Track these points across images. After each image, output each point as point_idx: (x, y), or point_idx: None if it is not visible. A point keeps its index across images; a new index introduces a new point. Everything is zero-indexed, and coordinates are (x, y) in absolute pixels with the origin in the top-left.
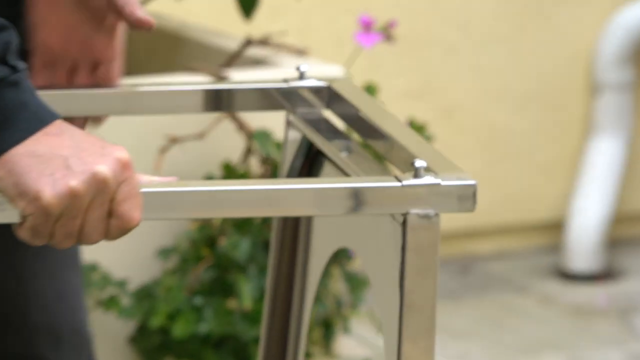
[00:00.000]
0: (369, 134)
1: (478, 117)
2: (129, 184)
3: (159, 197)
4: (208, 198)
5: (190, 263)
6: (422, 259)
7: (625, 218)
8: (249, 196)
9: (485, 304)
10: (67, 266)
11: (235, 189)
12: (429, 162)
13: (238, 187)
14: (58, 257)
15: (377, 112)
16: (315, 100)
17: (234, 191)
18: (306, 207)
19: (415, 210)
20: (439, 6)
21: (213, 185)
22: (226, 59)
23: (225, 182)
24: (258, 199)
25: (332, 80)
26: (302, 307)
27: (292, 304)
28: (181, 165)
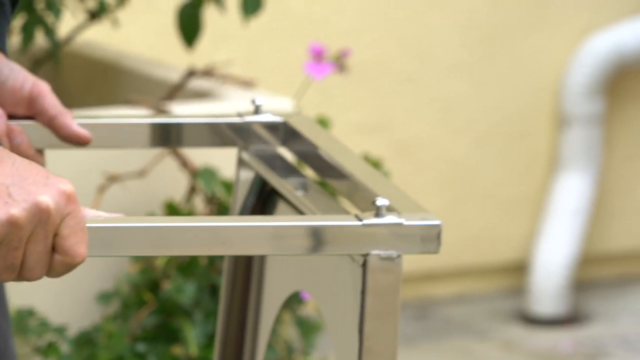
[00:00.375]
0: (328, 171)
1: (437, 152)
2: (73, 217)
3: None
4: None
5: (132, 308)
6: (382, 302)
7: (593, 259)
8: (200, 233)
9: (444, 350)
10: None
11: (186, 225)
12: (392, 200)
13: (189, 224)
14: None
15: (335, 149)
16: (270, 137)
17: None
18: (260, 246)
19: (376, 252)
20: (395, 34)
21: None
22: (167, 91)
23: (177, 219)
24: (210, 236)
25: (287, 116)
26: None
27: (244, 350)
28: (122, 204)
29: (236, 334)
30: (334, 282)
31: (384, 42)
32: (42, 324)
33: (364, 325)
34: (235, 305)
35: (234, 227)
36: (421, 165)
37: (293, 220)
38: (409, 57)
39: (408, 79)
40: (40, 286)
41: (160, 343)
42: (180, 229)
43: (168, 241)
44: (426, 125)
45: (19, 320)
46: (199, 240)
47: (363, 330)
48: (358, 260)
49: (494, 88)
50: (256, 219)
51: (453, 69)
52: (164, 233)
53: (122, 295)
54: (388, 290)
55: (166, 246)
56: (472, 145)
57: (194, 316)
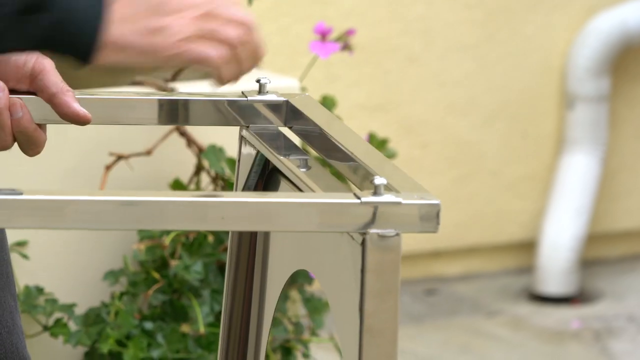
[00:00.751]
0: (329, 151)
1: (443, 131)
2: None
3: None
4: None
5: (139, 286)
6: (382, 280)
7: (600, 237)
8: (199, 208)
9: (452, 328)
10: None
11: (185, 200)
12: (390, 179)
13: (188, 199)
14: None
15: (337, 128)
16: (273, 116)
17: (185, 202)
18: (259, 222)
19: (374, 230)
20: (399, 13)
21: (163, 196)
22: (172, 71)
23: (176, 194)
24: (210, 211)
25: (290, 96)
26: (260, 331)
27: (249, 327)
28: (128, 183)
29: (242, 311)
30: (335, 261)
31: (389, 22)
32: (51, 302)
33: (364, 303)
34: (240, 283)
35: (233, 202)
36: (427, 145)
37: (292, 197)
38: (414, 36)
39: (413, 58)
40: (48, 265)
41: (167, 321)
42: (178, 203)
43: (167, 216)
44: (431, 104)
45: (27, 298)
46: (198, 215)
47: (363, 308)
48: (357, 239)
49: (499, 67)
50: (255, 194)
51: (458, 49)
52: (164, 207)
53: (129, 274)
54: (388, 269)
55: (165, 221)
56: (478, 124)
57: (201, 294)
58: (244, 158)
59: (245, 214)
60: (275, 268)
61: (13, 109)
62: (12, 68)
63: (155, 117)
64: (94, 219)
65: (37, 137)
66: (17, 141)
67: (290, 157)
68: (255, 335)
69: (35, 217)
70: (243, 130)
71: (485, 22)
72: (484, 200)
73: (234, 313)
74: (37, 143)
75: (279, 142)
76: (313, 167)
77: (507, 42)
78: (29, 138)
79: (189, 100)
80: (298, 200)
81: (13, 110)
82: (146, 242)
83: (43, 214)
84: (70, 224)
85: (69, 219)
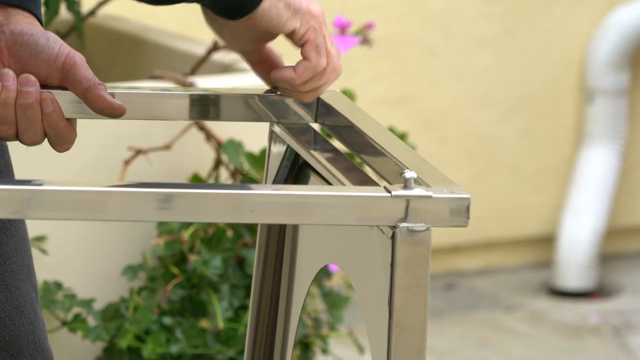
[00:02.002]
0: (359, 146)
1: (462, 125)
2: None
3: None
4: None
5: (158, 281)
6: (412, 274)
7: (619, 232)
8: (229, 200)
9: (471, 323)
10: (22, 279)
11: (216, 192)
12: (420, 173)
13: (219, 191)
14: (13, 269)
15: (367, 123)
16: (303, 112)
17: (215, 194)
18: (290, 215)
19: (405, 224)
20: (419, 7)
21: (195, 188)
22: (191, 65)
23: (207, 186)
24: (239, 204)
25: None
26: (287, 326)
27: (277, 322)
28: (147, 177)
29: (269, 306)
30: (364, 255)
31: (407, 15)
32: (70, 297)
33: (394, 297)
34: (267, 277)
35: (264, 195)
36: (446, 139)
37: (324, 190)
38: (433, 30)
39: (432, 52)
40: (67, 260)
41: (186, 316)
42: (209, 195)
43: (199, 208)
44: (451, 98)
45: (45, 293)
46: (228, 207)
47: (392, 302)
48: (387, 233)
49: (518, 61)
50: (286, 187)
51: (477, 42)
52: (195, 199)
53: (148, 269)
54: (417, 263)
55: (197, 213)
56: (497, 118)
57: (220, 289)
58: (273, 153)
59: (278, 207)
60: (303, 262)
61: (44, 104)
62: (43, 62)
63: (186, 112)
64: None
65: (67, 132)
66: (47, 136)
67: (320, 152)
68: (282, 330)
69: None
70: (274, 126)
71: (504, 15)
72: (503, 194)
73: (262, 308)
74: (67, 139)
75: (309, 137)
76: (343, 162)
77: (527, 36)
78: (58, 133)
79: (219, 95)
80: (330, 194)
81: (44, 104)
82: (165, 237)
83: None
84: (97, 215)
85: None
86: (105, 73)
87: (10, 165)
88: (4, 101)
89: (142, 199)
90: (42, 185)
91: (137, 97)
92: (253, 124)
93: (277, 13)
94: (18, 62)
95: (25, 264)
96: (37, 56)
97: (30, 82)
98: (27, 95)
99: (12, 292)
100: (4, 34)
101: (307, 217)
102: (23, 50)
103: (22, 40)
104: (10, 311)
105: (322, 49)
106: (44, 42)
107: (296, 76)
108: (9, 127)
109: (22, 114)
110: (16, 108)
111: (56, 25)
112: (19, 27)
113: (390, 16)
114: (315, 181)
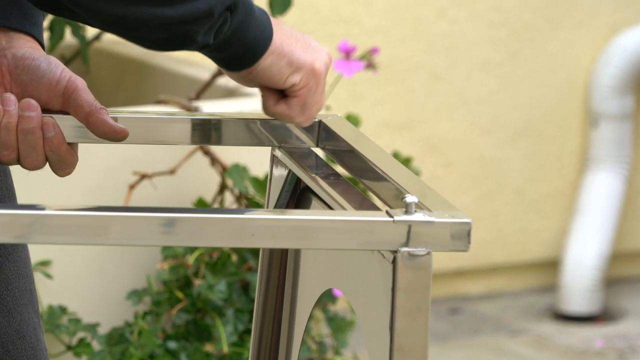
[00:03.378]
0: (361, 170)
1: (467, 150)
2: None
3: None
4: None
5: (163, 305)
6: (413, 299)
7: (624, 256)
8: (230, 225)
9: (475, 347)
10: (24, 303)
11: (216, 216)
12: (421, 198)
13: (220, 215)
14: (16, 294)
15: (368, 148)
16: (305, 137)
17: (216, 219)
18: (291, 239)
19: (406, 249)
20: (423, 31)
21: (196, 212)
22: (196, 90)
23: (208, 210)
24: (240, 228)
25: (323, 116)
26: (289, 350)
27: (279, 347)
28: (152, 201)
29: (271, 331)
30: (365, 279)
31: (413, 40)
32: (74, 321)
33: (395, 322)
34: (270, 301)
35: (265, 219)
36: (451, 163)
37: (325, 215)
38: (438, 54)
39: (437, 76)
40: (71, 285)
41: (191, 340)
42: (210, 220)
43: (199, 232)
44: (455, 123)
45: (50, 317)
46: (229, 231)
47: (394, 327)
48: (388, 257)
49: (523, 85)
50: (288, 212)
51: (482, 67)
52: (197, 223)
53: (153, 293)
54: (418, 287)
55: (198, 237)
56: (502, 142)
57: (225, 313)
58: (275, 178)
59: (279, 232)
60: (305, 286)
61: (45, 128)
62: (44, 87)
63: (188, 137)
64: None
65: (68, 157)
66: (49, 161)
67: (321, 176)
68: (285, 354)
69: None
70: (275, 150)
71: (509, 40)
72: (508, 218)
73: (264, 333)
74: (69, 163)
75: (310, 161)
76: (344, 186)
77: (531, 60)
78: (60, 158)
79: (221, 120)
80: (331, 218)
81: (45, 129)
82: (170, 262)
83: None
84: (99, 240)
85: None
86: (110, 98)
87: (12, 190)
88: (5, 126)
89: (143, 223)
90: (45, 210)
91: (140, 121)
92: (258, 149)
93: (278, 70)
94: (20, 87)
95: (28, 289)
96: (39, 80)
97: (32, 107)
98: (28, 120)
99: (14, 317)
100: (6, 58)
101: (309, 241)
102: (25, 75)
103: (23, 65)
104: (12, 336)
105: (307, 108)
106: (45, 66)
107: (272, 111)
108: (10, 152)
109: (23, 139)
110: (18, 133)
111: (61, 50)
112: (21, 51)
113: (395, 41)
114: (317, 205)
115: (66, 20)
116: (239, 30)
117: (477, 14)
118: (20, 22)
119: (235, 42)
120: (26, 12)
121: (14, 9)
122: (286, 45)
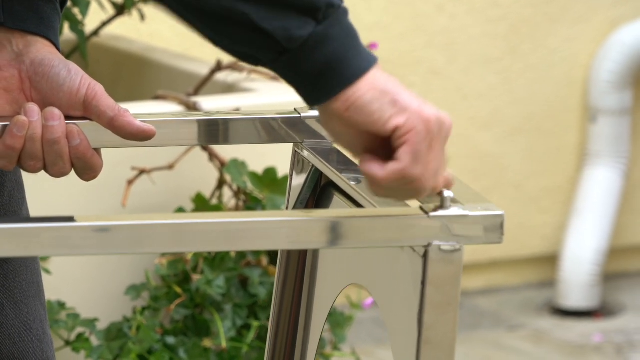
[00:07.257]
0: None
1: (466, 144)
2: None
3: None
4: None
5: (161, 301)
6: (442, 292)
7: (622, 251)
8: (260, 227)
9: (473, 342)
10: (31, 296)
11: (244, 220)
12: (454, 191)
13: (247, 219)
14: (23, 286)
15: None
16: (325, 132)
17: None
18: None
19: (437, 242)
20: (423, 26)
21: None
22: (194, 85)
23: (235, 214)
24: (269, 229)
25: None
26: (305, 350)
27: (295, 345)
28: (151, 197)
29: (287, 330)
30: (392, 273)
31: (412, 35)
32: (72, 316)
33: (424, 315)
34: (287, 300)
35: (297, 221)
36: (450, 158)
37: (359, 213)
38: (437, 50)
39: (436, 71)
40: (70, 280)
41: (190, 336)
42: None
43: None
44: (454, 118)
45: (49, 313)
46: (259, 234)
47: (422, 320)
48: (419, 251)
49: (522, 80)
50: (322, 212)
51: (481, 62)
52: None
53: (151, 288)
54: (449, 281)
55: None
56: (501, 137)
57: (223, 309)
58: (296, 174)
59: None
60: (324, 285)
61: (70, 137)
62: (65, 95)
63: (207, 136)
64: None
65: (94, 162)
66: (74, 167)
67: (344, 172)
68: (300, 355)
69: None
70: (297, 147)
71: (508, 35)
72: (507, 213)
73: (279, 333)
74: (94, 168)
75: (333, 157)
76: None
77: (530, 55)
78: (86, 164)
79: (241, 119)
80: (367, 216)
81: (70, 137)
82: (168, 257)
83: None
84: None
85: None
86: (108, 93)
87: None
88: (30, 137)
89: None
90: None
91: (158, 124)
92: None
93: (379, 107)
94: (40, 94)
95: (35, 282)
96: (59, 89)
97: (55, 117)
98: (53, 130)
99: (21, 309)
100: (25, 64)
101: (343, 241)
102: (45, 82)
103: (43, 72)
104: (19, 328)
105: (420, 157)
106: (65, 74)
107: (383, 175)
108: (36, 162)
109: (49, 149)
110: (43, 143)
111: (60, 45)
112: (39, 56)
113: (394, 36)
114: (338, 201)
115: (65, 14)
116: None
117: (476, 9)
118: (37, 26)
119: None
120: (43, 16)
121: (30, 13)
122: (391, 86)
